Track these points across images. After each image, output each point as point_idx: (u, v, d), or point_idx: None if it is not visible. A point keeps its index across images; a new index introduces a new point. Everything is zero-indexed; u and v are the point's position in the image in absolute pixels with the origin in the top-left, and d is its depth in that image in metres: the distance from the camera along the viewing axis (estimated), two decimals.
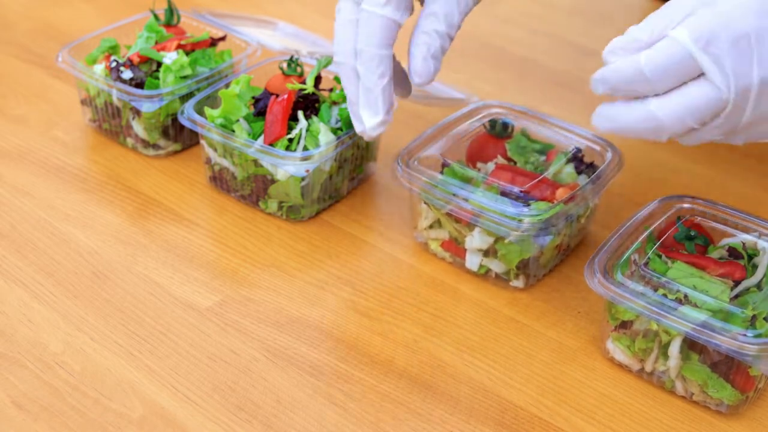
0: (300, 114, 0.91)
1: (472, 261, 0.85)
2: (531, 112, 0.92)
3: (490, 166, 0.87)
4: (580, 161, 0.87)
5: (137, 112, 0.98)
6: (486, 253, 0.84)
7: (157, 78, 0.97)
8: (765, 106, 0.66)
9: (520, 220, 0.79)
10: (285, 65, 0.95)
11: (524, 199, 0.81)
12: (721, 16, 0.65)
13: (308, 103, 0.92)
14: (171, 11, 1.05)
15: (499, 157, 0.88)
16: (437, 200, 0.83)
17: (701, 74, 0.66)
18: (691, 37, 0.65)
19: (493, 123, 0.91)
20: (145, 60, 0.99)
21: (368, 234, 0.92)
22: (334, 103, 0.94)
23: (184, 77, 0.98)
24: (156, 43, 1.00)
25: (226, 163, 0.93)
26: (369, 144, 0.96)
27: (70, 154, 1.00)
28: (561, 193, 0.82)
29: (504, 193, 0.82)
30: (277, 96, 0.91)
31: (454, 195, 0.82)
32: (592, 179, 0.84)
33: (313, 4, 1.31)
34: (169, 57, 0.98)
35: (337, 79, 0.96)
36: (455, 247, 0.86)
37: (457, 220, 0.84)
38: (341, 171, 0.94)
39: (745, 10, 0.64)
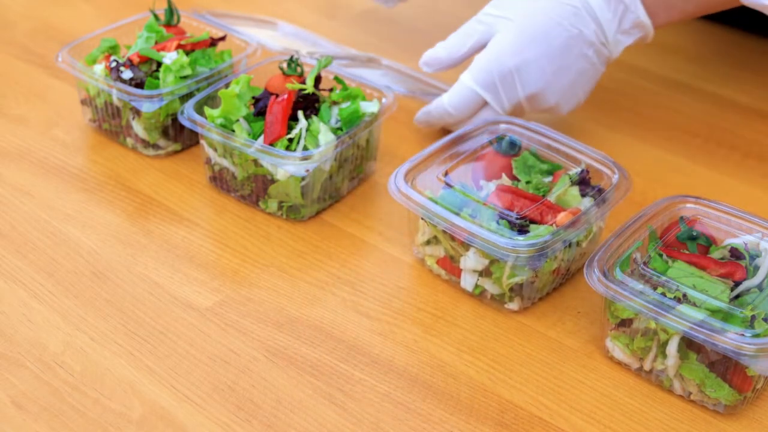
0: (300, 114, 0.91)
1: (467, 281, 0.84)
2: (543, 130, 0.91)
3: (493, 185, 0.85)
4: (586, 184, 0.85)
5: (137, 112, 0.98)
6: (481, 273, 0.83)
7: (157, 78, 0.97)
8: (535, 103, 0.97)
9: (513, 250, 0.78)
10: (285, 65, 0.95)
11: (522, 223, 0.80)
12: (488, 58, 0.94)
13: (308, 103, 0.92)
14: (171, 11, 1.05)
15: (503, 176, 0.87)
16: (434, 218, 0.82)
17: (486, 103, 0.96)
18: (474, 80, 0.94)
19: (500, 140, 0.89)
20: (145, 60, 0.99)
21: (368, 234, 0.92)
22: (334, 103, 0.94)
23: (184, 77, 0.98)
24: (156, 43, 1.00)
25: (226, 163, 0.93)
26: (369, 143, 0.96)
27: (70, 154, 1.00)
28: (562, 218, 0.80)
29: (503, 216, 0.80)
30: (277, 96, 0.91)
31: (448, 220, 0.80)
32: (597, 203, 0.83)
33: (313, 4, 1.31)
34: (169, 57, 0.98)
35: (337, 79, 0.96)
36: (451, 266, 0.85)
37: (453, 239, 0.83)
38: (341, 171, 0.94)
39: (506, 52, 0.93)
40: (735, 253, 0.78)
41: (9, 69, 1.14)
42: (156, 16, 1.04)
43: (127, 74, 0.97)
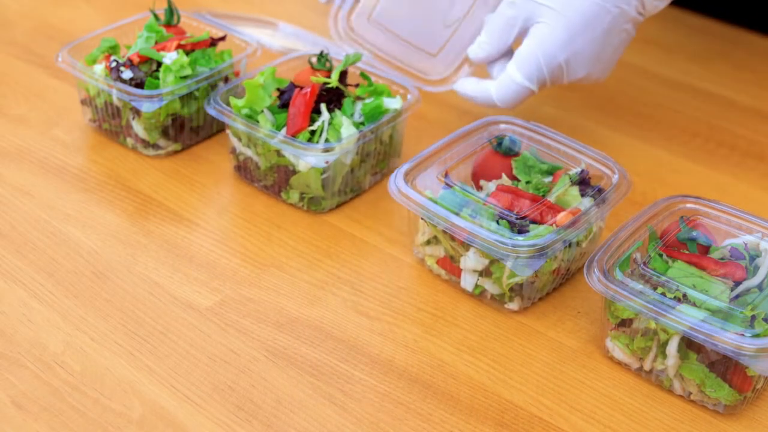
0: (323, 107, 0.92)
1: (467, 281, 0.84)
2: (543, 130, 0.91)
3: (493, 185, 0.86)
4: (586, 184, 0.85)
5: (137, 112, 0.98)
6: (481, 273, 0.83)
7: (157, 78, 0.97)
8: (575, 82, 0.96)
9: (513, 250, 0.78)
10: (315, 59, 0.96)
11: (522, 223, 0.80)
12: (536, 55, 0.92)
13: (332, 97, 0.93)
14: (171, 11, 1.05)
15: (503, 176, 0.87)
16: (434, 218, 0.81)
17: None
18: (524, 77, 0.93)
19: (500, 140, 0.90)
20: (145, 60, 0.99)
21: (368, 234, 0.92)
22: (359, 98, 0.95)
23: (184, 77, 0.98)
24: (156, 43, 1.00)
25: (250, 152, 0.94)
26: (392, 139, 0.97)
27: (70, 154, 1.00)
28: (562, 219, 0.80)
29: (503, 216, 0.80)
30: (301, 88, 0.92)
31: (448, 220, 0.80)
32: (597, 203, 0.83)
33: (313, 4, 1.31)
34: (169, 57, 0.98)
35: (363, 75, 0.97)
36: (451, 265, 0.85)
37: (453, 239, 0.83)
38: (363, 165, 0.95)
39: (554, 46, 0.92)
40: (735, 253, 0.78)
41: (9, 69, 1.14)
42: (156, 16, 1.04)
43: (127, 74, 0.97)
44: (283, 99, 0.93)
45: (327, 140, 0.90)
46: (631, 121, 1.10)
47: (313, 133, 0.91)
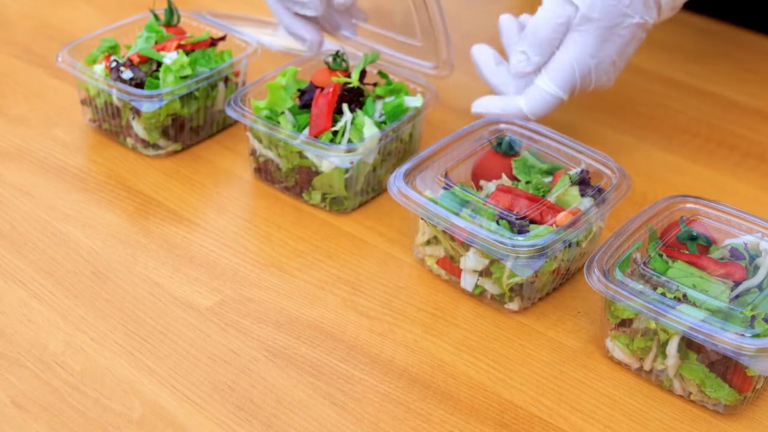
0: (345, 107, 0.92)
1: (467, 281, 0.84)
2: (543, 130, 0.91)
3: (493, 185, 0.86)
4: (586, 184, 0.85)
5: (137, 112, 0.98)
6: (481, 273, 0.83)
7: (157, 78, 0.97)
8: (598, 85, 0.96)
9: (513, 250, 0.78)
10: (330, 59, 0.96)
11: (522, 223, 0.80)
12: (572, 63, 0.92)
13: (353, 97, 0.93)
14: (171, 11, 1.05)
15: (503, 176, 0.87)
16: (434, 218, 0.82)
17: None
18: (558, 87, 0.93)
19: (499, 140, 0.90)
20: (145, 60, 0.99)
21: (368, 234, 0.92)
22: (379, 97, 0.95)
23: (184, 77, 0.98)
24: (156, 43, 1.01)
25: (271, 154, 0.94)
26: (412, 137, 0.97)
27: (70, 154, 1.00)
28: (562, 218, 0.80)
29: (502, 216, 0.80)
30: (323, 89, 0.92)
31: (447, 220, 0.80)
32: (597, 203, 0.83)
33: None
34: (169, 57, 0.98)
35: (381, 74, 0.98)
36: (451, 266, 0.85)
37: (453, 239, 0.83)
38: (384, 164, 0.95)
39: (586, 54, 0.92)
40: (735, 253, 0.78)
41: (9, 69, 1.14)
42: (156, 16, 1.04)
43: (127, 74, 0.97)
44: (304, 99, 0.93)
45: (350, 140, 0.90)
46: (631, 121, 1.10)
47: (335, 133, 0.91)
